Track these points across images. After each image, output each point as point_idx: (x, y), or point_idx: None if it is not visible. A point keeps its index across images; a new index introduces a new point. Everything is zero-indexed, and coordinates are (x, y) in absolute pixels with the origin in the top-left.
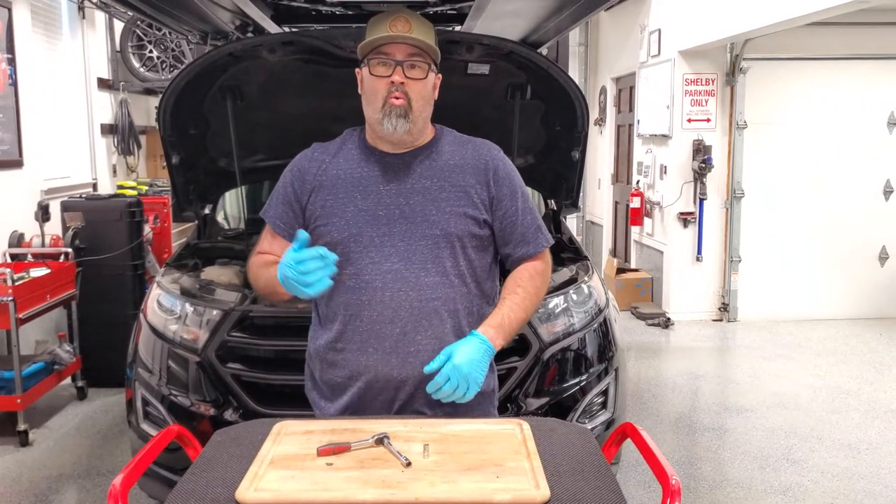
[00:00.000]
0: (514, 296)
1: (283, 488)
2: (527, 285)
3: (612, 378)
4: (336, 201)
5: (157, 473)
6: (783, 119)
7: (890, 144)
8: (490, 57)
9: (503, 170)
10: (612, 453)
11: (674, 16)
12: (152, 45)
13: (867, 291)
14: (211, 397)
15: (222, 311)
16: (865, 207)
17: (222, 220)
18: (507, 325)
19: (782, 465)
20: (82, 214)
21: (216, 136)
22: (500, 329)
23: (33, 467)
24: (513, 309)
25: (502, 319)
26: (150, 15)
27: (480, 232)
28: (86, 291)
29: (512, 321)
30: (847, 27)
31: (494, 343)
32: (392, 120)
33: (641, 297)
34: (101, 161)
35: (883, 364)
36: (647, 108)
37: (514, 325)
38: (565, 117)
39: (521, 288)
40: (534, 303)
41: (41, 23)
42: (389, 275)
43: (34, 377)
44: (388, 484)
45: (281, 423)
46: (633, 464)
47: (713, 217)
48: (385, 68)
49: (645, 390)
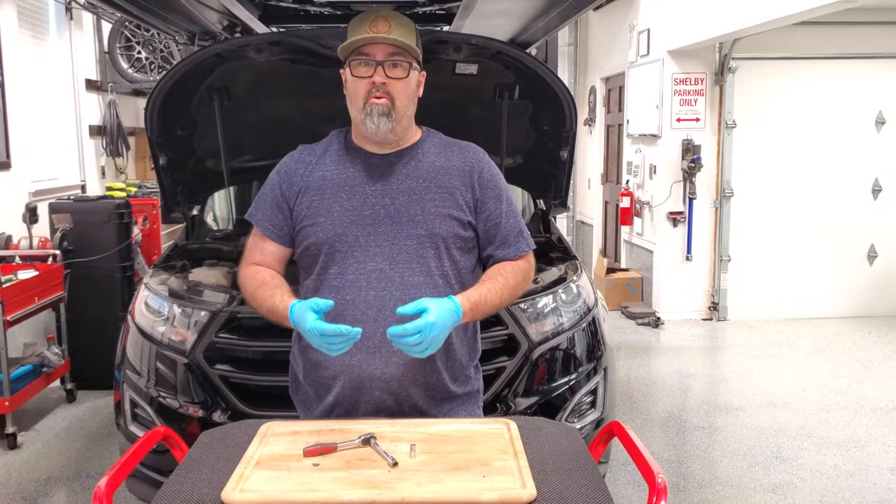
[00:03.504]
0: (494, 282)
1: (269, 489)
2: (507, 276)
3: (601, 377)
4: (322, 202)
5: (144, 475)
6: (772, 118)
7: (878, 143)
8: (478, 57)
9: (488, 173)
10: (599, 452)
11: (663, 15)
12: (140, 46)
13: (856, 290)
14: (199, 399)
15: (210, 312)
16: (854, 206)
17: (210, 221)
18: (481, 305)
19: (771, 463)
20: (70, 216)
21: (204, 136)
22: (475, 308)
23: (22, 470)
24: (491, 292)
25: (480, 299)
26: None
27: (465, 233)
28: (74, 293)
29: (487, 303)
30: (835, 26)
31: (464, 318)
32: (374, 119)
33: (631, 297)
34: (89, 163)
35: (871, 362)
36: (637, 108)
37: (488, 307)
38: (554, 117)
39: (501, 277)
40: (510, 294)
41: (28, 23)
42: (374, 274)
43: (22, 380)
44: (375, 484)
45: (267, 424)
46: (622, 463)
47: (703, 216)
48: (366, 68)
49: (635, 389)
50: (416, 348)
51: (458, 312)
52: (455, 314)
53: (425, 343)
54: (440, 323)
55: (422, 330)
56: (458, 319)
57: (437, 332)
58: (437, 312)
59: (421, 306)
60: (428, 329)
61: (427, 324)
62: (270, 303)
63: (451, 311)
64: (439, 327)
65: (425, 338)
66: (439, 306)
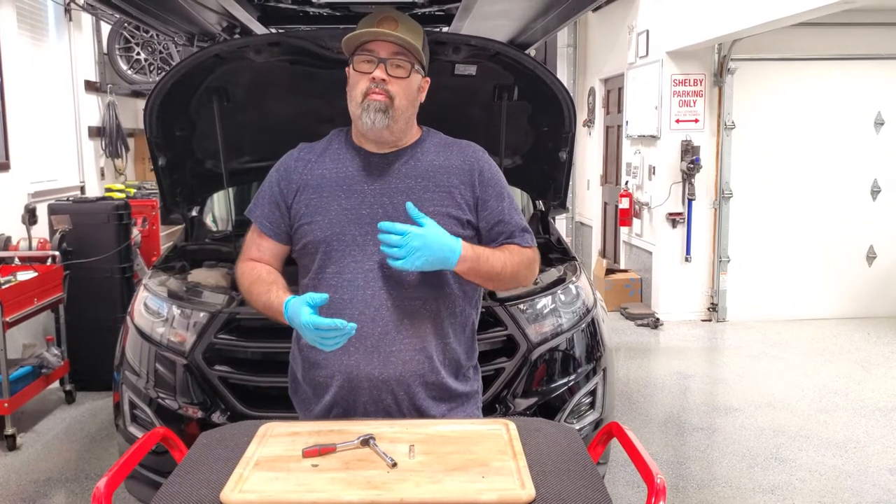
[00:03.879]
0: (501, 252)
1: (268, 490)
2: (514, 252)
3: (600, 378)
4: (320, 200)
5: (143, 476)
6: (771, 119)
7: (877, 144)
8: (477, 58)
9: (488, 171)
10: (598, 453)
11: (662, 17)
12: (140, 48)
13: (855, 291)
14: (198, 400)
15: (209, 313)
16: (853, 207)
17: (210, 222)
18: (482, 260)
19: (770, 464)
20: (70, 217)
21: (203, 137)
22: (475, 258)
23: (21, 471)
24: (494, 255)
25: (482, 253)
26: (137, 17)
27: (464, 232)
28: (73, 295)
29: (487, 262)
30: (834, 27)
31: (461, 262)
32: (370, 114)
33: (631, 298)
34: (88, 164)
35: (870, 363)
36: (636, 109)
37: (487, 267)
38: (553, 118)
39: (507, 251)
40: (512, 270)
41: (27, 25)
42: (371, 273)
43: (22, 381)
44: (374, 485)
45: (266, 424)
46: (621, 463)
47: (702, 217)
48: (368, 65)
49: (634, 390)
50: (394, 251)
51: (455, 248)
52: (451, 247)
53: (404, 250)
54: (427, 238)
55: (407, 234)
56: (454, 255)
57: (418, 244)
58: (431, 232)
59: (423, 220)
60: (413, 237)
61: (414, 233)
62: (266, 298)
63: (449, 242)
64: (423, 241)
65: (405, 244)
66: (438, 231)
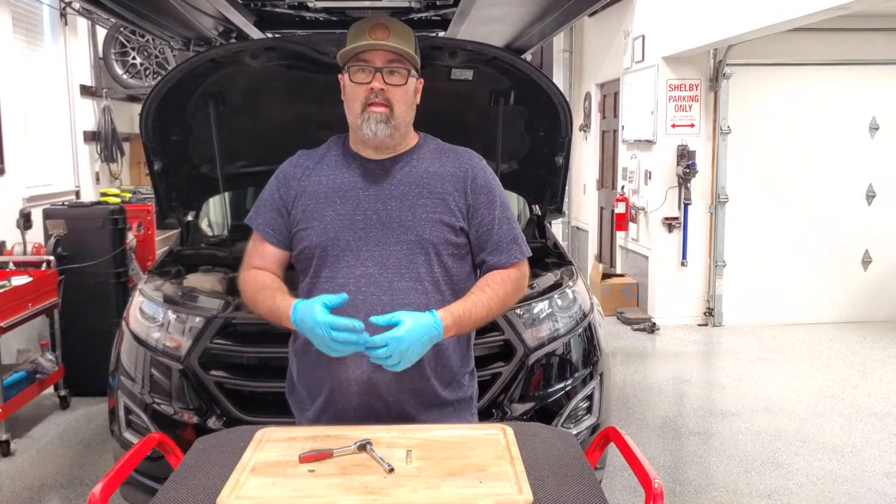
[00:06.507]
0: (482, 293)
1: (264, 495)
2: (496, 287)
3: (597, 383)
4: (316, 206)
5: (139, 482)
6: (766, 124)
7: (872, 149)
8: (473, 62)
9: (482, 178)
10: (595, 457)
11: (657, 22)
12: (135, 52)
13: (850, 295)
14: (194, 405)
15: (205, 318)
16: (848, 212)
17: (205, 227)
18: (466, 319)
19: (767, 468)
20: (65, 222)
21: (199, 142)
22: (458, 322)
23: (15, 477)
24: (476, 305)
25: (464, 313)
26: (133, 21)
27: (457, 240)
28: (68, 300)
29: (472, 317)
30: (829, 33)
31: (447, 332)
32: (372, 125)
33: (627, 302)
34: (83, 168)
35: (866, 367)
36: (632, 114)
37: (473, 321)
38: (549, 123)
39: (489, 288)
40: (499, 306)
41: (22, 29)
42: (363, 279)
43: (16, 386)
44: (371, 490)
45: (263, 430)
46: (618, 468)
47: (698, 222)
48: (364, 75)
49: (631, 395)
50: (387, 361)
51: (437, 327)
52: (434, 329)
53: (395, 357)
54: (410, 337)
55: (388, 343)
56: (439, 334)
57: (405, 347)
58: (410, 327)
59: (395, 319)
60: (395, 343)
61: (394, 337)
62: (271, 303)
63: (428, 326)
64: (408, 342)
65: (393, 351)
66: (414, 320)
